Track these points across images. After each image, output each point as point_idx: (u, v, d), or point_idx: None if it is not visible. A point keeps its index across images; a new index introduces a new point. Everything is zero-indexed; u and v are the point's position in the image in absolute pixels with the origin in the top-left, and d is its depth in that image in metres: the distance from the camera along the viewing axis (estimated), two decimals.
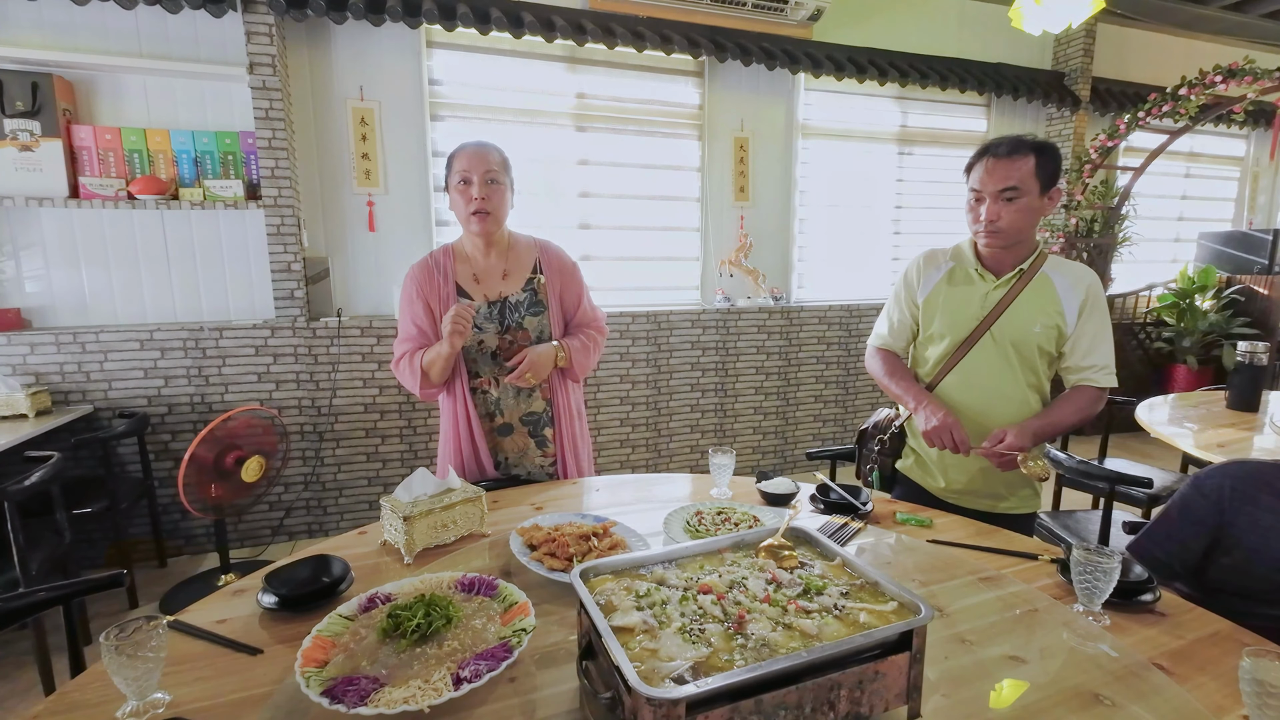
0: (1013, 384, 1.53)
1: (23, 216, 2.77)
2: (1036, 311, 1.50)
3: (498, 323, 1.63)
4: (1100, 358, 1.48)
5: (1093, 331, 1.48)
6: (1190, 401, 2.81)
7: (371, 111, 3.19)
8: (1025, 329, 1.50)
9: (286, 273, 2.97)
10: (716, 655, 0.71)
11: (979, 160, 1.47)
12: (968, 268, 1.58)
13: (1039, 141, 1.44)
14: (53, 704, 0.85)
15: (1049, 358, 1.53)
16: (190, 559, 2.99)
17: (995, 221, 1.44)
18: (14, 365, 2.70)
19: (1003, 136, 1.46)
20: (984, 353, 1.54)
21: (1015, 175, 1.41)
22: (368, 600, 0.96)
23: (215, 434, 2.31)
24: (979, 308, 1.54)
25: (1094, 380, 1.48)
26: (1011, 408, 1.53)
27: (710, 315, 3.78)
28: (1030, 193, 1.42)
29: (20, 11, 2.66)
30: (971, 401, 1.56)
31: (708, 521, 1.31)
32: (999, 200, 1.43)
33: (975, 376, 1.56)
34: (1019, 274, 1.51)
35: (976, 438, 1.55)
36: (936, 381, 1.62)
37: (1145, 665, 0.90)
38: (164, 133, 2.82)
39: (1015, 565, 1.21)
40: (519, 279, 1.66)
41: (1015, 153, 1.42)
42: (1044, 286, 1.51)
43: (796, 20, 3.64)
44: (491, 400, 1.66)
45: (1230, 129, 5.15)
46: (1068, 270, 1.51)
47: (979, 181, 1.46)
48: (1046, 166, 1.42)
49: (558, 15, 3.24)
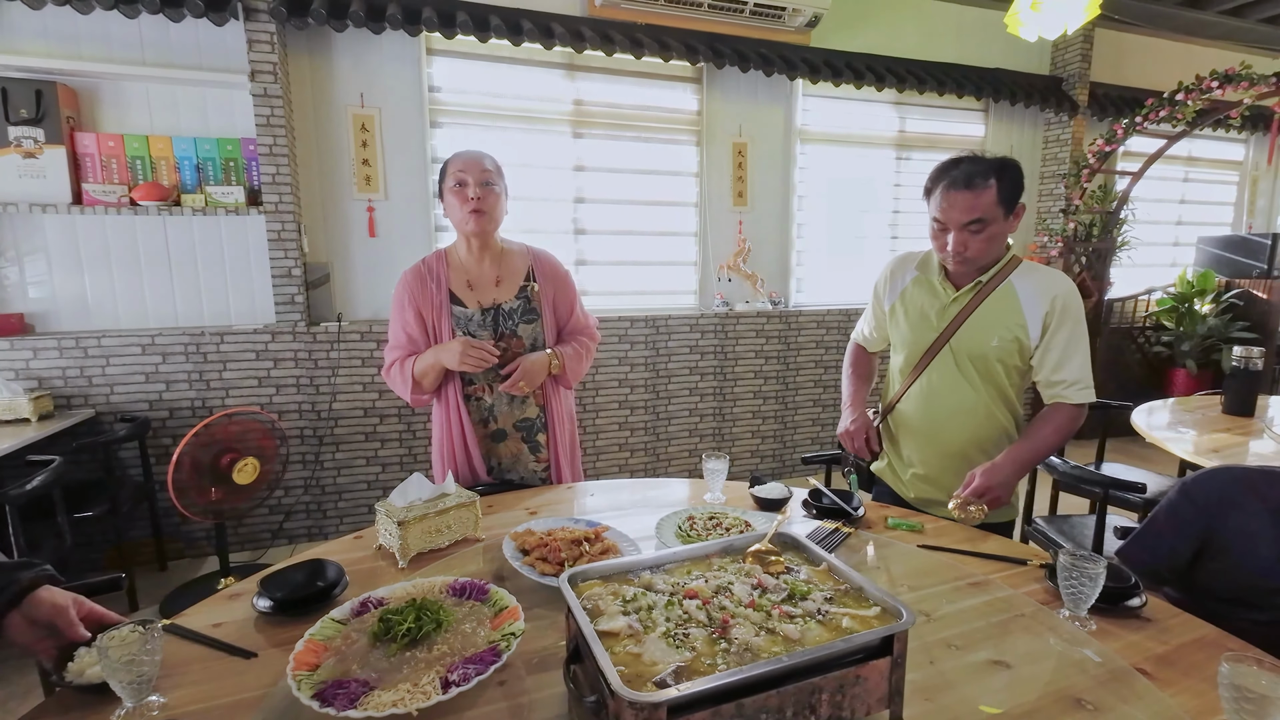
0: (974, 400, 1.49)
1: (26, 223, 2.80)
2: (994, 324, 1.44)
3: (492, 330, 1.64)
4: (1071, 372, 1.41)
5: (1062, 344, 1.41)
6: (1187, 406, 2.82)
7: (372, 118, 3.21)
8: (983, 343, 1.45)
9: (287, 278, 3.00)
10: (700, 659, 0.72)
11: (936, 187, 1.40)
12: (931, 278, 1.54)
13: (998, 163, 1.37)
14: (51, 705, 0.86)
15: (1015, 371, 1.47)
16: (191, 562, 3.00)
17: (963, 252, 1.39)
18: (17, 370, 2.72)
19: (958, 158, 1.39)
20: (943, 367, 1.51)
21: (979, 207, 1.35)
22: (360, 604, 0.97)
23: (212, 436, 2.33)
24: (937, 320, 1.51)
25: (1066, 397, 1.42)
26: (973, 424, 1.50)
27: (709, 319, 3.80)
28: (996, 220, 1.37)
29: (25, 20, 2.69)
30: (933, 418, 1.54)
31: (700, 526, 1.32)
32: (964, 231, 1.37)
33: (935, 392, 1.53)
34: (977, 286, 1.46)
35: (942, 457, 1.55)
36: (899, 396, 1.60)
37: (1128, 670, 0.91)
38: (166, 139, 2.85)
39: (1004, 570, 1.22)
40: (512, 286, 1.67)
41: (975, 182, 1.34)
42: (1007, 297, 1.45)
43: (794, 26, 3.66)
44: (485, 406, 1.67)
45: (1229, 133, 5.16)
46: (1036, 278, 1.44)
47: (940, 211, 1.39)
48: (1008, 189, 1.36)
49: (556, 22, 3.27)
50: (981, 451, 1.51)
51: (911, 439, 1.60)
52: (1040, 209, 4.78)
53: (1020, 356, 1.46)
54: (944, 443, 1.54)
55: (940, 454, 1.55)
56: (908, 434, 1.61)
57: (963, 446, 1.52)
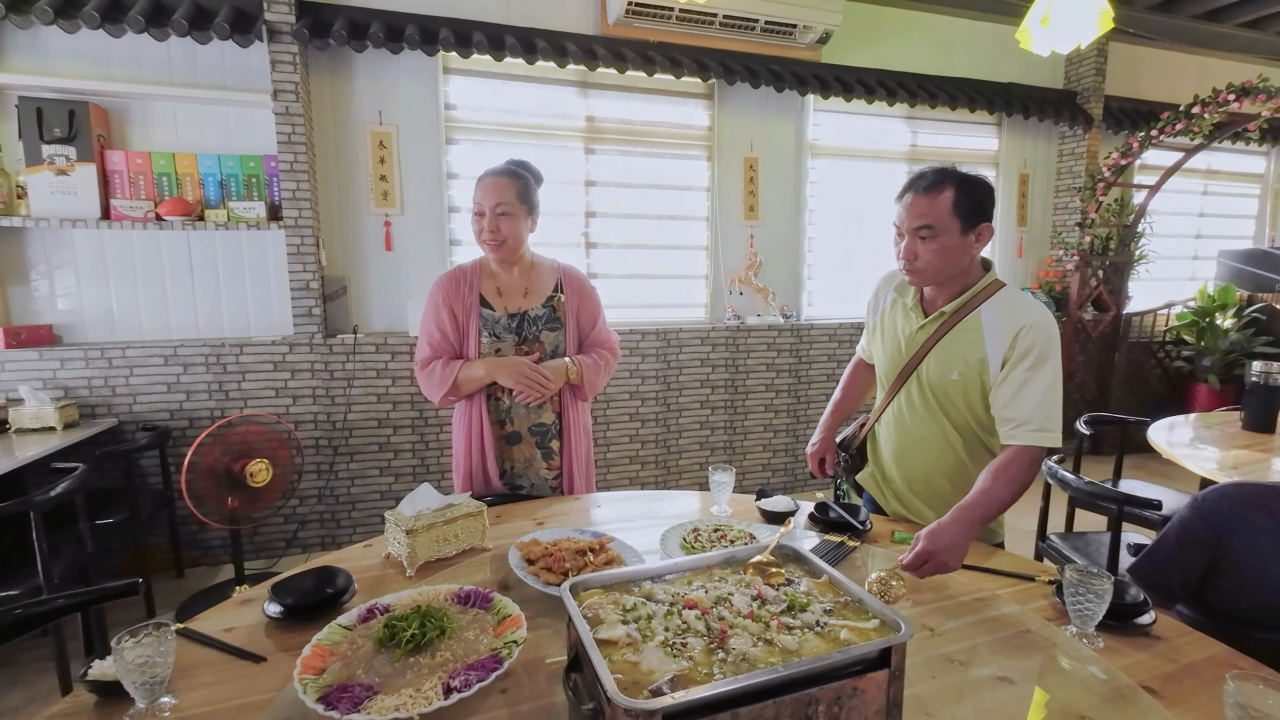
0: (936, 433, 1.45)
1: (57, 237, 2.90)
2: (956, 357, 1.38)
3: (516, 334, 1.70)
4: (1022, 410, 1.28)
5: (1018, 380, 1.29)
6: (1207, 422, 2.77)
7: (390, 135, 3.29)
8: (944, 374, 1.40)
9: (305, 290, 3.06)
10: (696, 669, 0.73)
11: (903, 195, 1.38)
12: (905, 301, 1.50)
13: (962, 175, 1.33)
14: (67, 705, 0.89)
15: (981, 406, 1.39)
16: (207, 570, 3.05)
17: (913, 261, 1.36)
18: (44, 379, 2.80)
19: (931, 167, 1.36)
20: (911, 393, 1.48)
21: (931, 213, 1.31)
22: (366, 611, 0.99)
23: (226, 442, 2.38)
24: (906, 348, 1.48)
25: (1014, 438, 1.29)
26: (934, 454, 1.46)
27: (720, 333, 3.81)
28: (948, 230, 1.31)
29: (59, 43, 2.80)
30: (899, 444, 1.52)
31: (704, 538, 1.33)
32: (915, 237, 1.34)
33: (902, 420, 1.50)
34: (941, 316, 1.41)
35: (909, 481, 1.52)
36: (877, 416, 1.59)
37: (1134, 688, 0.90)
38: (191, 156, 2.94)
39: (1011, 586, 1.21)
40: (539, 296, 1.74)
41: (934, 187, 1.31)
42: (972, 329, 1.38)
43: (805, 43, 3.70)
44: (504, 408, 1.71)
45: (1249, 146, 5.09)
46: (1006, 309, 1.35)
47: (898, 217, 1.38)
48: (966, 202, 1.30)
49: (570, 41, 3.33)
50: (947, 479, 1.48)
51: (887, 457, 1.59)
52: (1055, 222, 4.74)
53: (982, 393, 1.38)
54: (911, 466, 1.52)
55: (908, 477, 1.54)
56: (884, 451, 1.60)
57: (927, 474, 1.50)
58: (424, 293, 1.90)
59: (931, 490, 1.50)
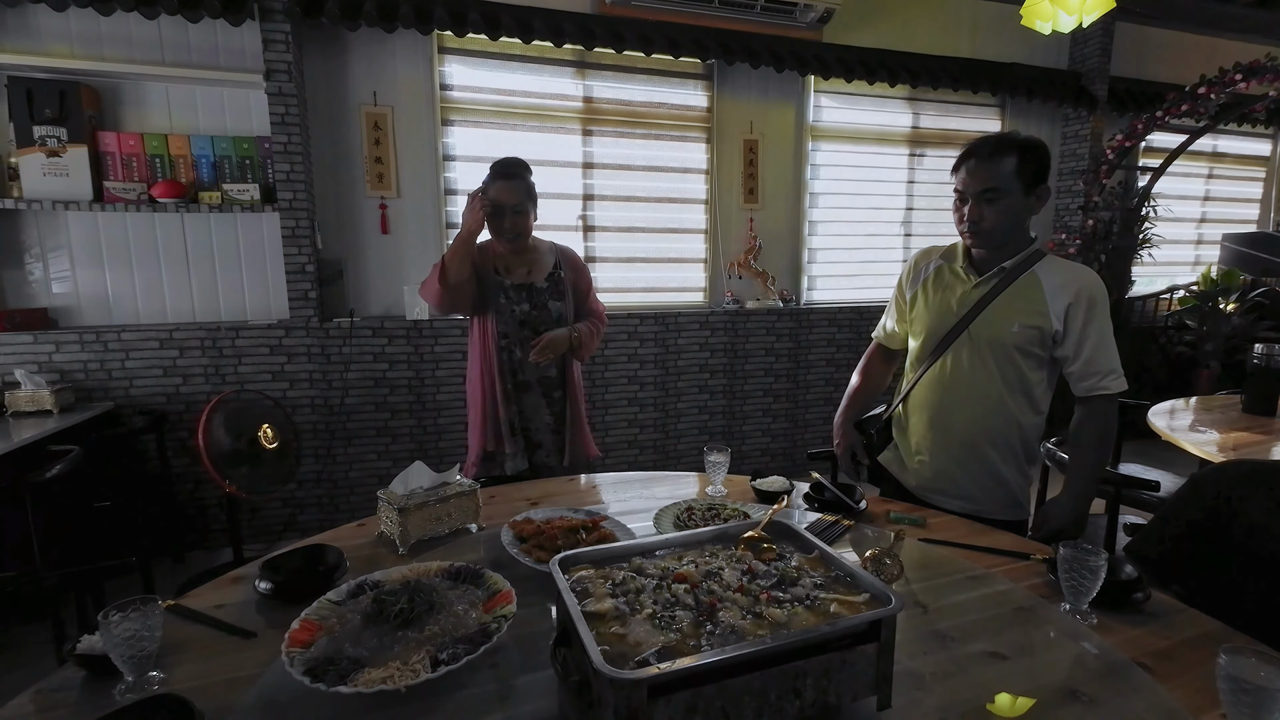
0: (988, 387, 1.49)
1: (50, 219, 2.88)
2: (1016, 311, 1.45)
3: (527, 300, 1.90)
4: (1106, 362, 1.42)
5: (1097, 335, 1.41)
6: (1208, 405, 2.76)
7: (385, 116, 3.25)
8: (1003, 328, 1.46)
9: (301, 274, 3.04)
10: (684, 642, 0.72)
11: (964, 161, 1.45)
12: (955, 266, 1.57)
13: (1023, 140, 1.42)
14: (57, 680, 0.89)
15: (1034, 361, 1.47)
16: (206, 553, 3.06)
17: (978, 223, 1.43)
18: (40, 363, 2.80)
19: (989, 135, 1.45)
20: (961, 352, 1.52)
21: (996, 176, 1.39)
22: (356, 586, 0.99)
23: (226, 410, 2.42)
24: (958, 306, 1.52)
25: (1104, 388, 1.42)
26: (984, 411, 1.50)
27: (719, 317, 3.79)
28: (1013, 193, 1.40)
29: (49, 23, 2.76)
30: (945, 404, 1.55)
31: (698, 518, 1.32)
32: (980, 201, 1.42)
33: (950, 378, 1.54)
34: (1000, 272, 1.48)
35: (949, 445, 1.55)
36: (913, 384, 1.61)
37: (1127, 664, 0.90)
38: (184, 138, 2.91)
39: (1006, 565, 1.20)
40: (541, 274, 1.95)
41: (997, 153, 1.40)
42: (1030, 286, 1.46)
43: (806, 23, 3.64)
44: (516, 359, 1.90)
45: (1255, 129, 5.03)
46: (1062, 271, 1.46)
47: (961, 183, 1.45)
48: (1029, 165, 1.39)
49: (567, 20, 3.28)
50: (990, 443, 1.50)
51: (922, 425, 1.60)
52: (1058, 206, 4.70)
53: (1041, 345, 1.45)
54: (953, 429, 1.53)
55: (948, 442, 1.54)
56: (919, 420, 1.61)
57: (971, 435, 1.51)
58: (421, 276, 2.02)
59: (973, 453, 1.51)
